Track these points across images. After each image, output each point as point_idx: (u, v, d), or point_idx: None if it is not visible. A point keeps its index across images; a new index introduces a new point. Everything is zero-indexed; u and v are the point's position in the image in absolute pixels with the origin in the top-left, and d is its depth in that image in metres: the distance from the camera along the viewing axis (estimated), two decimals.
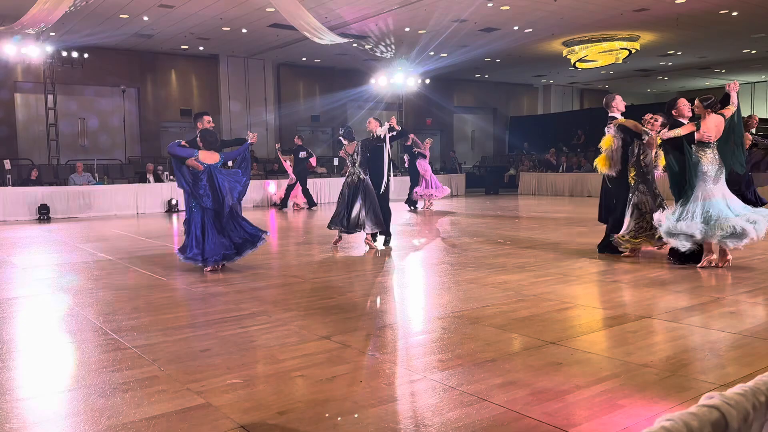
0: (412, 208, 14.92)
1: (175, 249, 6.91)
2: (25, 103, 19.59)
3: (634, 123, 6.83)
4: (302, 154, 15.79)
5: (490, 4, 15.26)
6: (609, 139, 6.97)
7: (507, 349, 3.81)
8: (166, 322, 4.57)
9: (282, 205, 16.28)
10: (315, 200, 16.65)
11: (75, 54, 17.30)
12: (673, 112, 6.50)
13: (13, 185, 14.60)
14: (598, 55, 20.45)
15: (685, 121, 6.35)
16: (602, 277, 6.08)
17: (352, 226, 8.03)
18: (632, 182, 6.87)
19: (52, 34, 16.46)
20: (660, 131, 6.42)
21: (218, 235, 6.56)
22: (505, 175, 23.34)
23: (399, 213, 14.11)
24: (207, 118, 7.14)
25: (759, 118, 10.95)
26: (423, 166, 14.72)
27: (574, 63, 21.09)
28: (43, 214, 13.91)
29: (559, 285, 5.69)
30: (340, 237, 8.45)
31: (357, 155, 8.16)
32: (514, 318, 4.48)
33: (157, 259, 7.76)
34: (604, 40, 19.43)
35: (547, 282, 5.81)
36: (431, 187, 14.76)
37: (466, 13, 15.96)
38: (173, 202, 15.73)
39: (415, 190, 14.93)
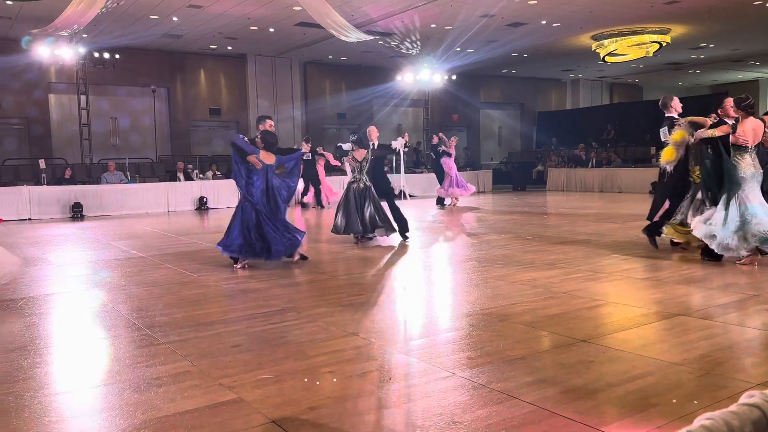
0: (440, 205, 14.92)
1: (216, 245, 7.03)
2: (59, 103, 20.03)
3: (703, 119, 6.70)
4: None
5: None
6: (681, 134, 6.81)
7: (537, 346, 3.78)
8: (197, 318, 4.63)
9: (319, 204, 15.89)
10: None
11: (107, 55, 17.64)
12: (719, 111, 6.35)
13: (48, 184, 14.94)
14: (628, 48, 20.12)
15: (729, 122, 6.18)
16: (634, 274, 5.99)
17: (368, 230, 8.31)
18: (695, 180, 6.68)
19: (85, 35, 16.78)
20: (696, 131, 6.29)
21: (257, 233, 6.64)
22: (532, 171, 23.13)
23: (426, 210, 14.08)
24: (269, 122, 7.42)
25: None
26: (448, 164, 14.77)
27: (604, 57, 20.78)
28: (77, 212, 14.21)
29: (590, 282, 5.63)
30: (359, 239, 8.53)
31: (366, 162, 8.35)
32: (544, 315, 4.44)
33: (187, 256, 7.87)
34: (634, 33, 19.10)
35: (577, 279, 5.74)
36: (455, 186, 14.83)
37: (493, 8, 15.83)
38: (204, 199, 15.93)
39: (437, 188, 15.16)
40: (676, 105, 7.13)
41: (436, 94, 24.40)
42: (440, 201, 15.06)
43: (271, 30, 18.07)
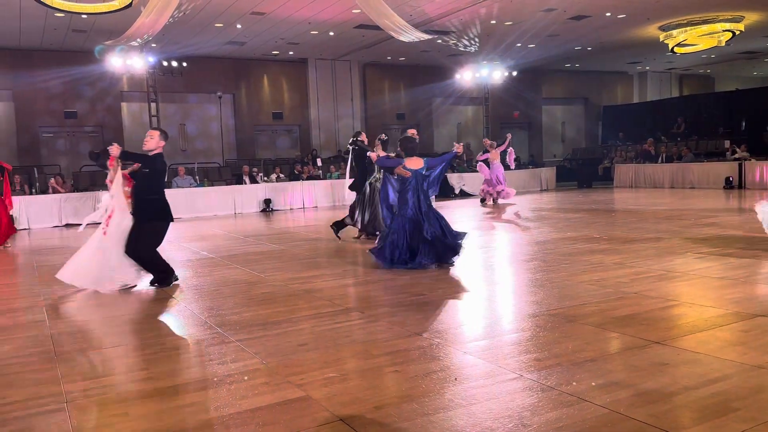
0: (483, 204, 15.28)
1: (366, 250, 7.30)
2: (131, 111, 20.94)
3: None
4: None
5: None
6: None
7: (607, 348, 3.68)
8: (265, 317, 4.74)
9: None
10: None
11: (175, 63, 18.32)
12: None
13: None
14: (698, 38, 19.30)
15: None
16: (709, 273, 5.74)
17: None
18: None
19: (154, 45, 17.48)
20: None
21: (410, 242, 6.57)
22: (598, 168, 22.49)
23: (480, 209, 13.94)
24: (411, 131, 7.70)
25: None
26: (482, 168, 15.41)
27: (672, 48, 19.99)
28: None
29: (662, 282, 5.43)
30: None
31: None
32: (614, 316, 4.31)
33: (254, 256, 8.07)
34: (705, 22, 18.29)
35: (649, 279, 5.55)
36: (493, 185, 15.19)
37: (554, 1, 15.51)
38: (268, 201, 16.30)
39: (481, 187, 15.75)
40: None
41: (496, 91, 24.11)
42: (483, 200, 15.55)
43: (331, 33, 18.30)
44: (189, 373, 3.58)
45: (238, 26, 16.89)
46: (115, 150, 6.13)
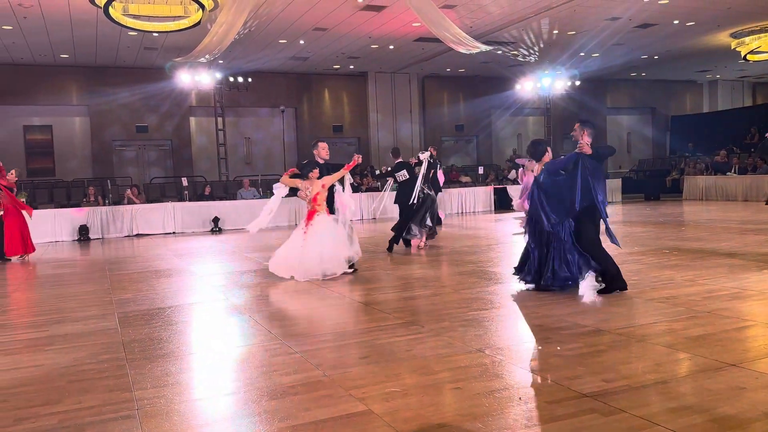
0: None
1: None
2: (199, 125, 21.69)
3: None
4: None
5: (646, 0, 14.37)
6: None
7: (679, 370, 3.52)
8: (327, 328, 4.79)
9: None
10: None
11: (240, 79, 18.89)
12: None
13: (190, 200, 16.16)
14: None
15: None
16: None
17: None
18: None
19: (221, 61, 18.06)
20: None
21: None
22: (666, 179, 21.71)
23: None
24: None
25: None
26: (525, 179, 14.42)
27: (745, 55, 19.18)
28: (216, 226, 15.24)
29: (737, 300, 5.17)
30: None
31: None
32: (686, 336, 4.13)
33: None
34: None
35: (722, 297, 5.30)
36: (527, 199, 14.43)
37: (618, 10, 15.15)
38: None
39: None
40: None
41: (558, 100, 23.70)
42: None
43: (391, 47, 18.45)
44: (253, 383, 3.64)
45: (301, 42, 17.26)
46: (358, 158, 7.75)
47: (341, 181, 8.02)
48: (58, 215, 14.36)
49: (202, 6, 12.10)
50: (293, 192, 8.02)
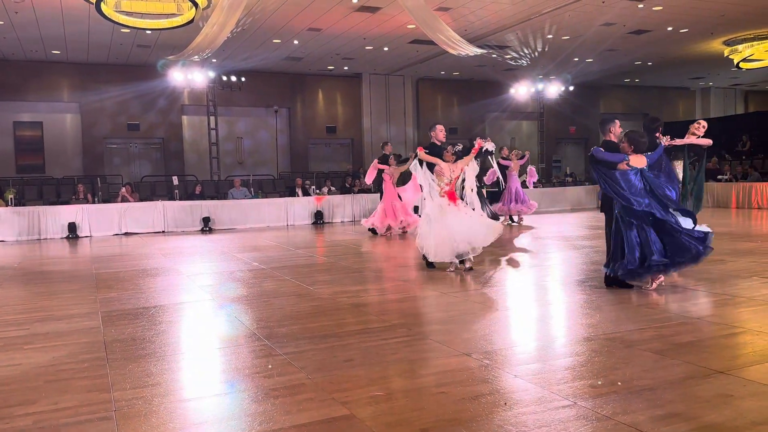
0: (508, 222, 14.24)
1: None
2: (191, 124, 21.58)
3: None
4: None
5: (641, 6, 14.40)
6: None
7: (667, 376, 3.48)
8: (312, 330, 4.73)
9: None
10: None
11: (233, 78, 18.79)
12: None
13: (180, 199, 16.04)
14: (765, 53, 18.55)
15: None
16: None
17: None
18: None
19: (214, 60, 17.98)
20: None
21: (661, 238, 5.72)
22: None
23: (540, 226, 13.64)
24: (618, 122, 6.47)
25: None
26: (509, 177, 14.07)
27: (738, 63, 19.27)
28: (206, 225, 15.14)
29: (726, 307, 5.15)
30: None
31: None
32: (675, 343, 4.10)
33: (304, 268, 8.11)
34: None
35: (712, 303, 5.28)
36: (510, 203, 14.00)
37: (612, 15, 15.18)
38: (320, 214, 16.43)
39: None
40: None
41: (552, 105, 23.75)
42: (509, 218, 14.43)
43: (386, 49, 18.42)
44: (235, 385, 3.58)
45: (295, 42, 17.20)
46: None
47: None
48: (46, 212, 14.21)
49: (195, 4, 12.03)
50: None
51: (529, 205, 14.14)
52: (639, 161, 5.76)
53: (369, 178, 12.86)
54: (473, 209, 7.49)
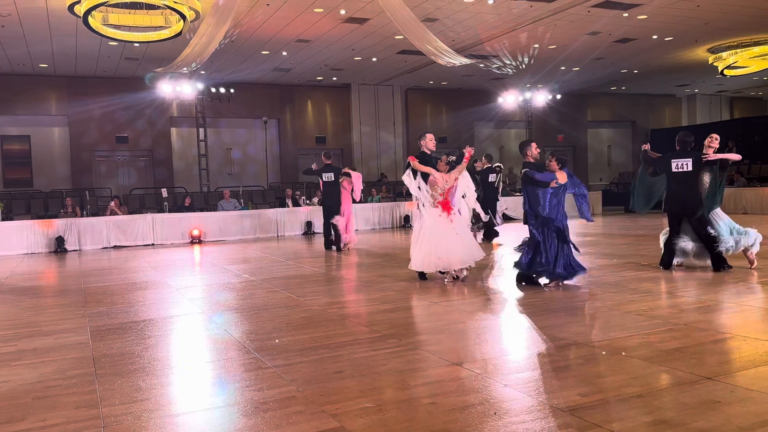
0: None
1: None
2: (180, 136, 21.54)
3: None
4: (326, 176, 11.92)
5: (625, 14, 14.57)
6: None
7: (655, 383, 3.51)
8: (302, 342, 4.72)
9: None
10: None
11: (222, 90, 18.80)
12: None
13: (170, 211, 16.00)
14: (749, 60, 18.82)
15: None
16: (764, 305, 5.47)
17: None
18: None
19: (203, 72, 17.99)
20: None
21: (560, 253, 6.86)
22: None
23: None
24: (534, 144, 7.46)
25: None
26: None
27: (722, 70, 19.51)
28: (195, 237, 15.09)
29: (715, 313, 5.20)
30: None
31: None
32: (663, 349, 4.13)
33: (294, 279, 8.10)
34: (756, 44, 17.82)
35: (700, 309, 5.32)
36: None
37: (598, 25, 15.35)
38: (310, 224, 16.42)
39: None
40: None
41: (540, 114, 23.92)
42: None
43: (374, 59, 18.50)
44: (225, 399, 3.57)
45: (284, 53, 17.25)
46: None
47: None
48: (33, 226, 14.11)
49: (183, 17, 12.05)
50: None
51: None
52: (562, 177, 6.86)
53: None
54: (462, 220, 7.52)
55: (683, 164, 7.27)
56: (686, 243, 7.28)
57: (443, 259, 7.10)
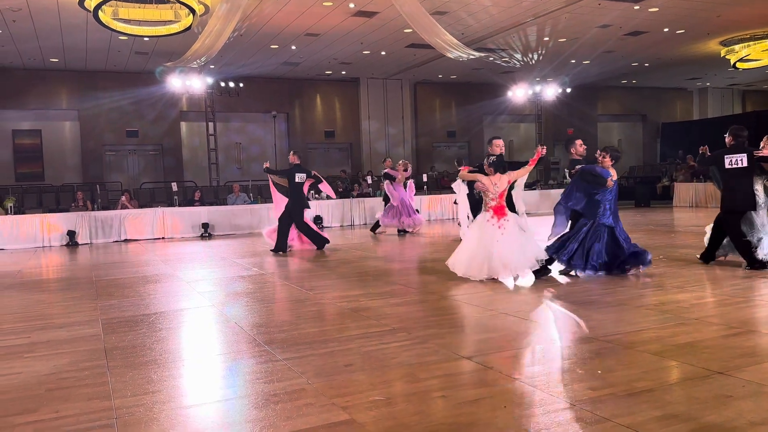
0: (375, 233, 13.86)
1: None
2: (190, 130, 21.62)
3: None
4: (299, 177, 11.21)
5: (636, 7, 14.46)
6: None
7: (666, 378, 3.50)
8: (312, 335, 4.74)
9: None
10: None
11: (231, 84, 18.83)
12: None
13: (180, 205, 16.07)
14: (762, 53, 18.62)
15: None
16: None
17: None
18: None
19: (212, 66, 18.02)
20: None
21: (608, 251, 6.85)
22: (657, 186, 21.80)
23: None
24: (578, 141, 7.53)
25: None
26: (391, 191, 13.27)
27: (734, 63, 19.32)
28: (205, 231, 15.15)
29: (726, 307, 5.16)
30: None
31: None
32: (674, 344, 4.11)
33: (303, 273, 8.13)
34: None
35: (711, 304, 5.29)
36: (397, 216, 13.23)
37: (609, 17, 15.23)
38: (319, 218, 16.45)
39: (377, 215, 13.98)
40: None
41: (550, 107, 23.80)
42: (375, 227, 13.95)
43: (383, 53, 18.47)
44: (236, 391, 3.59)
45: (293, 47, 17.25)
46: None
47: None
48: (46, 220, 14.23)
49: (192, 11, 12.07)
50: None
51: (415, 219, 13.40)
52: (614, 174, 6.80)
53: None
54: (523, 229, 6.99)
55: (737, 160, 6.99)
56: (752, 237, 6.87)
57: (497, 266, 6.70)
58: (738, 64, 19.40)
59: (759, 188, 6.97)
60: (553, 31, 16.45)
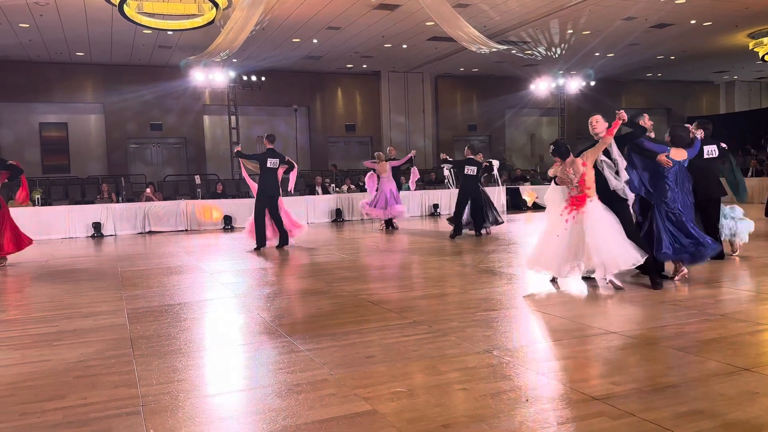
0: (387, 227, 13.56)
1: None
2: (212, 123, 21.80)
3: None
4: (271, 163, 10.58)
5: None
6: None
7: (691, 374, 3.46)
8: (334, 327, 4.77)
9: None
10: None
11: (254, 78, 18.95)
12: None
13: (203, 198, 16.22)
14: None
15: None
16: None
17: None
18: None
19: (235, 60, 18.13)
20: None
21: (684, 233, 5.99)
22: None
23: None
24: (646, 116, 7.00)
25: None
26: (370, 184, 13.29)
27: (763, 56, 18.94)
28: (227, 224, 15.29)
29: (752, 303, 5.09)
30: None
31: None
32: (699, 340, 4.07)
33: (323, 266, 8.16)
34: None
35: (737, 300, 5.22)
36: (380, 206, 13.03)
37: (634, 10, 15.01)
38: (339, 211, 16.49)
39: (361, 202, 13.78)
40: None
41: (573, 100, 23.54)
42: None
43: (405, 46, 18.42)
44: (259, 381, 3.63)
45: (315, 41, 17.28)
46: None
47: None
48: (72, 212, 14.47)
49: (216, 4, 12.14)
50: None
51: (392, 209, 13.08)
52: (679, 154, 6.19)
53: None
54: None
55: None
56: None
57: (553, 264, 6.06)
58: (766, 57, 19.01)
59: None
60: (576, 24, 16.27)
